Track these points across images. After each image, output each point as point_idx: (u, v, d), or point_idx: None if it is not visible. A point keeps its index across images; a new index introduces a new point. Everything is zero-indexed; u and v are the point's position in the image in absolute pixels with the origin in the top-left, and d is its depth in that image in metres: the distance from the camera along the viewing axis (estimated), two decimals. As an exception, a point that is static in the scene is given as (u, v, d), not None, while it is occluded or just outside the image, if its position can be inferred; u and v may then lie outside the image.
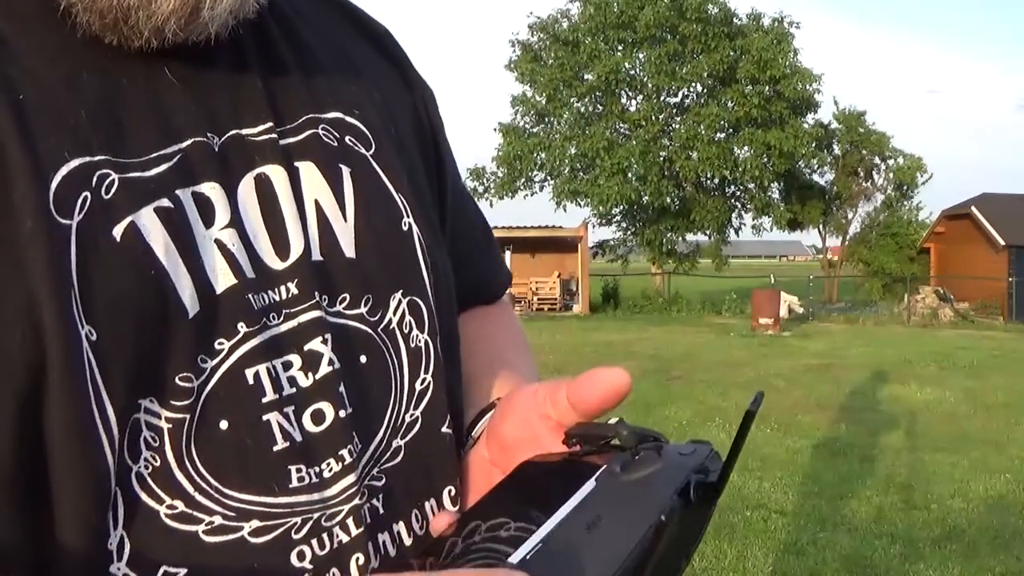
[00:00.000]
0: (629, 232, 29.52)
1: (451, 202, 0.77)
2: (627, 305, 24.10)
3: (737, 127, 27.19)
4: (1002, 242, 24.39)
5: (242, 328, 0.53)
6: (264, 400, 0.53)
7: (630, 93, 28.43)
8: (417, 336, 0.63)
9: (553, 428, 0.57)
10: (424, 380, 0.62)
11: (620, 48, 27.56)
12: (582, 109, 28.24)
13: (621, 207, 27.78)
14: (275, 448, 0.53)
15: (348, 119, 0.64)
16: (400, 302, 0.62)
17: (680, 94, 28.27)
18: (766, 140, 26.51)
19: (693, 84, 27.86)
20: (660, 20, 26.29)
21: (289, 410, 0.54)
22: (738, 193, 29.28)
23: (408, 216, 0.64)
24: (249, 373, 0.53)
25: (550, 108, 27.97)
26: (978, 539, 4.86)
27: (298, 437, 0.54)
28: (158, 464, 0.50)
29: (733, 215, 29.32)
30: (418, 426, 0.62)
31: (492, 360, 0.76)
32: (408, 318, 0.62)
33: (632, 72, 27.87)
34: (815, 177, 30.62)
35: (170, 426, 0.50)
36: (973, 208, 25.78)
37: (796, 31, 27.83)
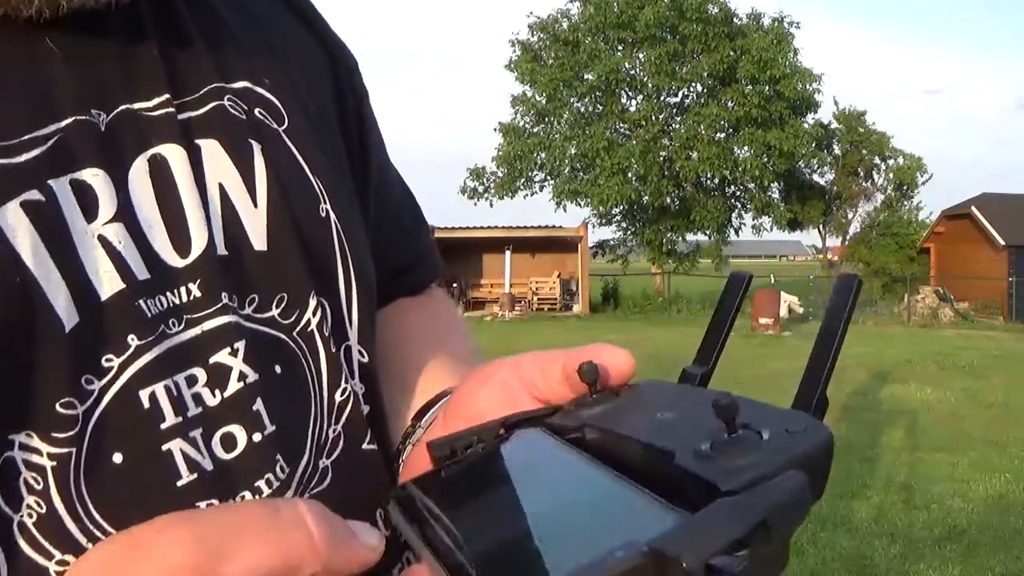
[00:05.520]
0: (629, 232, 29.54)
1: (376, 182, 0.69)
2: (627, 305, 24.09)
3: (737, 127, 27.21)
4: (1002, 242, 24.38)
5: (133, 341, 0.45)
6: (164, 426, 0.45)
7: (630, 93, 28.44)
8: (335, 341, 0.55)
9: (535, 400, 0.49)
10: (344, 390, 0.55)
11: (620, 48, 27.57)
12: (582, 109, 28.25)
13: (621, 207, 27.80)
14: (180, 483, 0.45)
15: (257, 89, 0.56)
16: (320, 301, 0.54)
17: (680, 94, 28.30)
18: (766, 140, 26.52)
19: (693, 84, 27.88)
20: (660, 20, 26.29)
21: (196, 434, 0.46)
22: (738, 193, 29.30)
23: (325, 202, 0.56)
24: (144, 395, 0.45)
25: (550, 108, 27.98)
26: (978, 539, 4.86)
27: (208, 466, 0.46)
28: (44, 511, 0.42)
29: (733, 215, 29.35)
30: (341, 443, 0.54)
31: (433, 346, 0.69)
32: (327, 320, 0.55)
33: (632, 72, 27.88)
34: (815, 177, 30.72)
35: (54, 463, 0.42)
36: (973, 208, 25.78)
37: (796, 31, 27.92)
